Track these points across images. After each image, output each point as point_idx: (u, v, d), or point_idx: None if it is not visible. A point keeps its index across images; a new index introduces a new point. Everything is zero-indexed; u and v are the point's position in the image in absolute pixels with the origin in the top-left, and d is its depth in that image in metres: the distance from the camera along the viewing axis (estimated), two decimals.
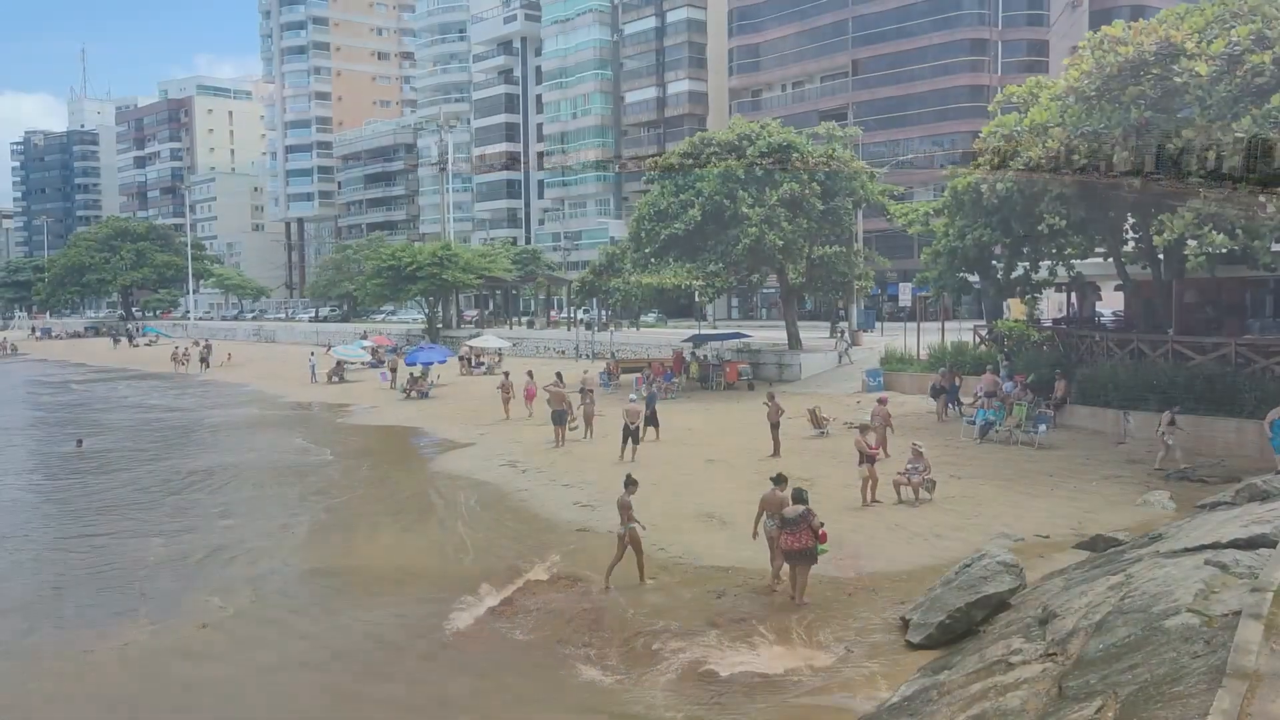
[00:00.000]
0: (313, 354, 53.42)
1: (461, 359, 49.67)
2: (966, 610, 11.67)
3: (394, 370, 44.32)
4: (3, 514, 21.45)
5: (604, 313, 57.98)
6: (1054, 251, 28.03)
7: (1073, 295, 34.60)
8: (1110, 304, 35.88)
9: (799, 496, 13.47)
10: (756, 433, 25.46)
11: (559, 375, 32.53)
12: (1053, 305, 39.28)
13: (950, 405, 28.32)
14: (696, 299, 43.63)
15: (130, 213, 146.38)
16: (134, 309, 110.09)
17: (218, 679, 12.03)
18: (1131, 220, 27.40)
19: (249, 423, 35.96)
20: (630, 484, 14.67)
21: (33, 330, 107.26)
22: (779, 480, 14.16)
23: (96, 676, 12.26)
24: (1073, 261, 28.54)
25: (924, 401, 29.34)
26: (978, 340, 33.71)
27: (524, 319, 77.69)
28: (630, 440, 24.30)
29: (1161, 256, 25.98)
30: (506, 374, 39.07)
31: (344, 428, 34.05)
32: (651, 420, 26.43)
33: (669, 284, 36.06)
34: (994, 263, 29.47)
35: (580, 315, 60.29)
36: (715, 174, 35.66)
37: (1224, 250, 20.60)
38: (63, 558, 17.65)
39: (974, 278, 30.62)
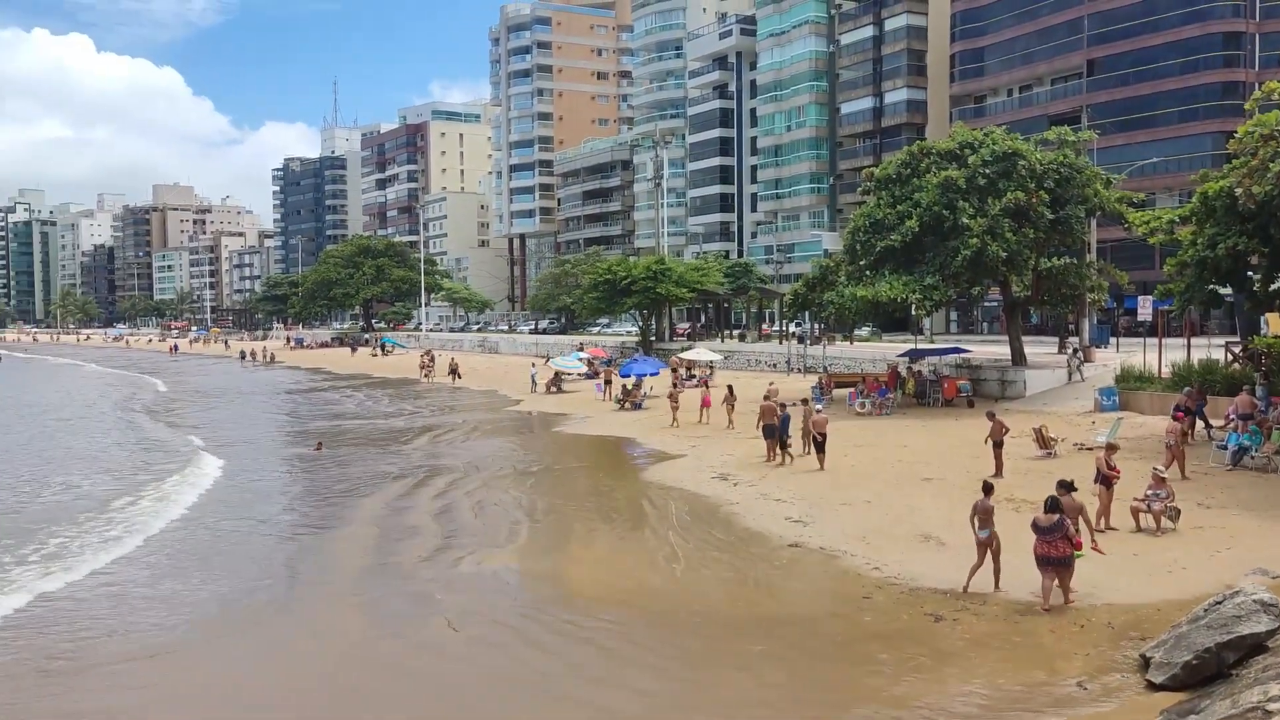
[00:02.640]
0: (534, 365, 55.77)
1: (673, 371, 50.36)
2: (1216, 651, 10.74)
3: (609, 382, 45.52)
4: (245, 509, 23.53)
5: (816, 326, 57.25)
6: None
7: None
8: None
9: (1052, 505, 13.63)
10: (976, 451, 24.42)
11: (730, 389, 32.99)
12: None
13: (1199, 428, 26.08)
14: (913, 312, 42.22)
15: (371, 231, 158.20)
16: (374, 321, 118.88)
17: (456, 681, 12.57)
18: None
19: (475, 428, 37.90)
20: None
21: (288, 340, 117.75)
22: (987, 490, 14.66)
23: (344, 670, 13.08)
24: None
25: (1166, 423, 27.15)
26: (1230, 358, 30.89)
27: (736, 332, 77.88)
28: (817, 450, 24.88)
29: None
30: (676, 385, 39.62)
31: (561, 436, 35.30)
32: (781, 440, 25.79)
33: (884, 297, 35.04)
34: (1250, 274, 26.98)
35: (792, 329, 59.79)
36: (934, 184, 34.55)
37: None
38: (301, 549, 19.16)
39: (1226, 290, 28.17)
